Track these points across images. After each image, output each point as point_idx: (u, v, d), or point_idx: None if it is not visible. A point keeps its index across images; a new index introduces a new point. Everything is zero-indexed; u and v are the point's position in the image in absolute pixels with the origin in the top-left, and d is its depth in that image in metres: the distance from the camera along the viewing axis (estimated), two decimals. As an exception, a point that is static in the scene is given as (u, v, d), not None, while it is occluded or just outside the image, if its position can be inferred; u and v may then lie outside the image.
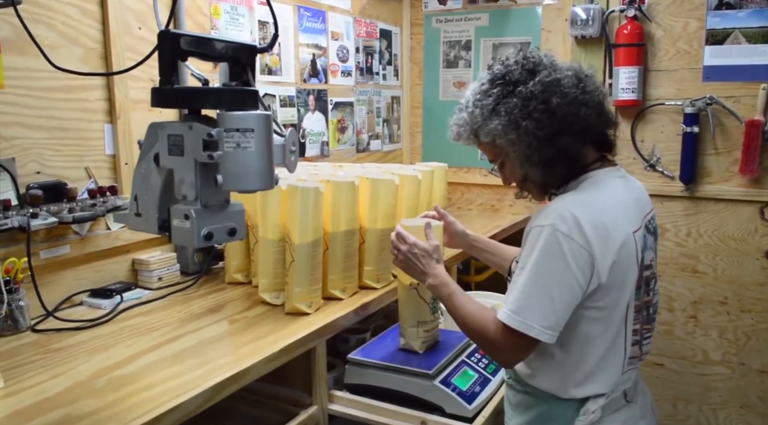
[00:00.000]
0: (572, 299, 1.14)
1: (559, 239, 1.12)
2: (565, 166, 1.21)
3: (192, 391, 1.13)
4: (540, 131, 1.15)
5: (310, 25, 2.43)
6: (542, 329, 1.12)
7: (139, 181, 1.12)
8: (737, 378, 2.62)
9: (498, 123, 1.19)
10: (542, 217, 1.16)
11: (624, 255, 1.15)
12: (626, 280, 1.18)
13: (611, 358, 1.22)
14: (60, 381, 1.19)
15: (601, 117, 1.22)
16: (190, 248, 1.01)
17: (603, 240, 1.13)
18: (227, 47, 1.04)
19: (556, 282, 1.13)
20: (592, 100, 1.20)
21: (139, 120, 1.77)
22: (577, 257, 1.11)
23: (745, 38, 2.41)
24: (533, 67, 1.20)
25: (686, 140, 2.52)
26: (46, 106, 1.54)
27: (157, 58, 1.10)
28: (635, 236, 1.19)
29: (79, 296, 1.63)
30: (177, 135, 1.02)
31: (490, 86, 1.22)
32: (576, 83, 1.19)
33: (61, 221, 1.51)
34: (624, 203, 1.21)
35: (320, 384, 1.51)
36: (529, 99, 1.16)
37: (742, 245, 2.54)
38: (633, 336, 1.23)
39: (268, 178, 1.03)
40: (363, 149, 2.83)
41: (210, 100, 1.03)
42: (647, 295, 1.25)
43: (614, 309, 1.18)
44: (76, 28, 1.60)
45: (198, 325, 1.48)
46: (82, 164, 1.64)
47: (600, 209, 1.16)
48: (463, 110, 1.28)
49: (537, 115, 1.15)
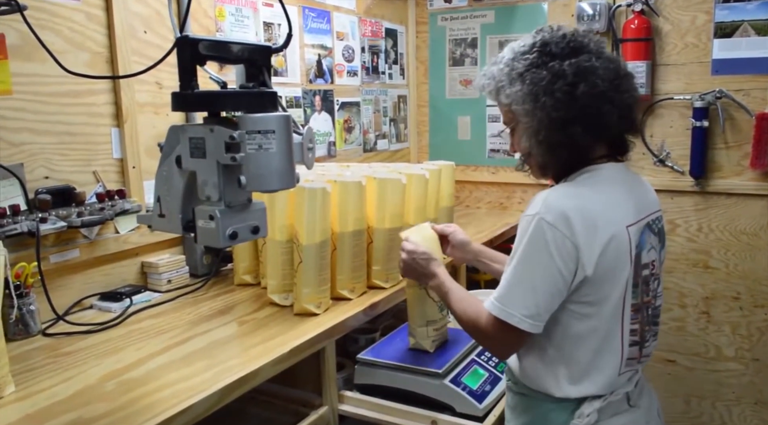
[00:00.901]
0: (555, 290, 1.13)
1: (543, 228, 1.11)
2: (569, 154, 1.19)
3: (202, 393, 1.14)
4: (555, 112, 1.13)
5: (315, 25, 2.43)
6: (522, 317, 1.12)
7: (161, 182, 1.13)
8: (751, 374, 2.60)
9: (519, 89, 1.16)
10: (531, 206, 1.16)
11: (613, 248, 1.13)
12: (616, 274, 1.15)
13: (606, 357, 1.18)
14: (70, 385, 1.19)
15: (624, 120, 1.19)
16: (217, 247, 1.03)
17: (589, 232, 1.11)
18: (243, 49, 1.05)
19: (538, 272, 1.12)
20: (620, 101, 1.16)
21: (146, 123, 1.77)
22: (560, 247, 1.10)
23: (754, 30, 2.39)
24: (577, 47, 1.17)
25: (696, 134, 2.50)
26: (54, 111, 1.55)
27: (168, 60, 1.12)
28: (629, 231, 1.16)
29: (89, 300, 1.64)
30: (199, 138, 1.03)
31: (529, 50, 1.19)
32: (612, 78, 1.16)
33: (70, 226, 1.52)
34: (619, 197, 1.18)
35: (330, 385, 1.51)
36: (557, 77, 1.13)
37: (754, 239, 2.52)
38: (631, 336, 1.19)
39: (289, 177, 1.04)
40: (370, 149, 2.83)
41: (230, 103, 1.04)
42: (647, 295, 1.22)
43: (603, 305, 1.15)
44: (82, 33, 1.61)
45: (207, 327, 1.49)
46: (90, 168, 1.65)
47: (590, 201, 1.14)
48: (496, 64, 1.24)
49: (559, 95, 1.13)
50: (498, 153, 3.00)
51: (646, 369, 1.33)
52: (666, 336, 2.72)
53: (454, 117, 3.08)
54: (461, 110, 3.05)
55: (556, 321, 1.17)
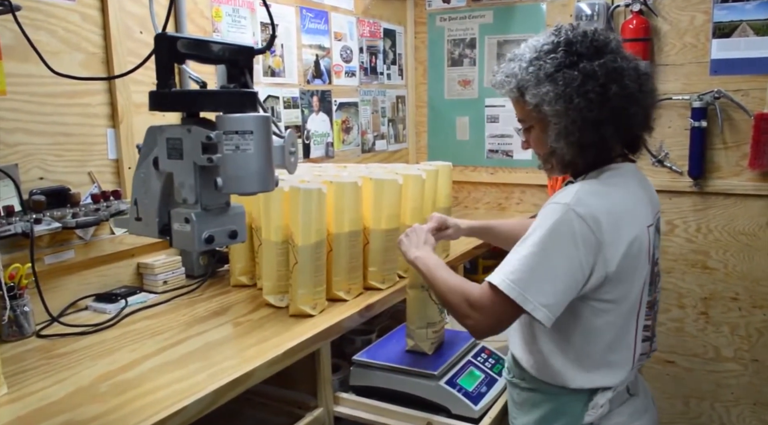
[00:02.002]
0: (574, 283, 1.12)
1: (572, 219, 1.11)
2: (598, 153, 1.20)
3: (195, 395, 1.13)
4: (590, 112, 1.13)
5: (312, 26, 2.42)
6: (539, 305, 1.10)
7: (138, 185, 1.12)
8: (750, 375, 2.59)
9: (551, 90, 1.15)
10: (561, 196, 1.16)
11: (636, 248, 1.15)
12: (637, 273, 1.17)
13: (620, 352, 1.21)
14: (63, 386, 1.19)
15: (646, 120, 1.21)
16: (192, 251, 1.01)
17: (615, 230, 1.12)
18: (224, 49, 1.03)
19: (562, 262, 1.11)
20: (644, 101, 1.18)
21: (142, 124, 1.76)
22: (586, 240, 1.10)
23: (752, 30, 2.38)
24: (601, 46, 1.16)
25: (694, 134, 2.50)
26: (49, 111, 1.55)
27: (154, 62, 1.11)
28: (649, 231, 1.19)
29: (83, 301, 1.63)
30: (176, 139, 1.02)
31: (554, 49, 1.17)
32: (636, 78, 1.16)
33: (65, 227, 1.51)
34: (640, 198, 1.22)
35: (325, 386, 1.50)
36: (589, 77, 1.12)
37: (753, 240, 2.51)
38: (644, 331, 1.23)
39: (268, 180, 1.02)
40: (368, 150, 2.82)
41: (208, 103, 1.02)
42: (655, 291, 1.25)
43: (622, 302, 1.18)
44: (77, 33, 1.60)
45: (202, 328, 1.48)
46: (85, 169, 1.64)
47: (617, 201, 1.16)
48: (516, 60, 1.22)
49: (592, 96, 1.12)
50: (497, 154, 2.99)
51: (644, 369, 1.35)
52: (665, 336, 2.72)
53: (452, 118, 3.07)
54: (460, 110, 3.05)
55: (576, 314, 1.18)
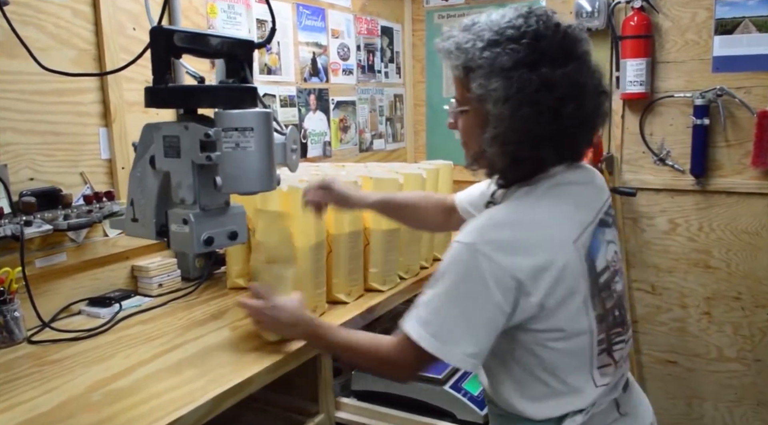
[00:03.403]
0: (495, 325, 1.02)
1: (479, 261, 0.98)
2: (530, 169, 1.07)
3: (192, 404, 1.09)
4: (536, 126, 1.00)
5: (309, 23, 2.38)
6: (465, 356, 1.01)
7: (134, 185, 1.08)
8: (753, 375, 2.56)
9: (500, 88, 0.98)
10: (465, 233, 1.03)
11: (561, 276, 1.01)
12: (572, 299, 1.03)
13: (578, 374, 1.08)
14: (55, 395, 1.14)
15: (590, 141, 1.10)
16: (190, 253, 0.98)
17: (531, 262, 0.99)
18: (223, 43, 1.00)
19: (477, 309, 1.00)
20: (596, 125, 1.08)
21: (135, 123, 1.72)
22: (499, 280, 0.98)
23: (755, 27, 2.35)
24: (570, 50, 1.01)
25: (696, 132, 2.47)
26: (39, 110, 1.50)
27: (150, 57, 1.07)
28: (576, 246, 1.03)
29: (76, 306, 1.58)
30: (173, 136, 0.98)
31: (518, 37, 0.99)
32: (595, 97, 1.04)
33: (57, 229, 1.47)
34: (566, 207, 1.06)
35: (327, 392, 1.46)
36: (547, 87, 0.97)
37: (755, 239, 2.48)
38: (598, 345, 1.08)
39: (269, 179, 0.99)
40: (366, 149, 2.78)
41: (206, 99, 0.99)
42: (610, 300, 1.09)
43: (563, 328, 1.04)
44: (68, 29, 1.55)
45: (199, 333, 1.44)
46: (77, 169, 1.60)
47: (532, 226, 1.02)
48: (472, 33, 1.03)
49: (544, 109, 0.98)
50: (495, 152, 2.95)
51: (646, 370, 1.26)
52: (667, 336, 2.69)
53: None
54: (458, 108, 3.00)
55: (522, 346, 1.07)
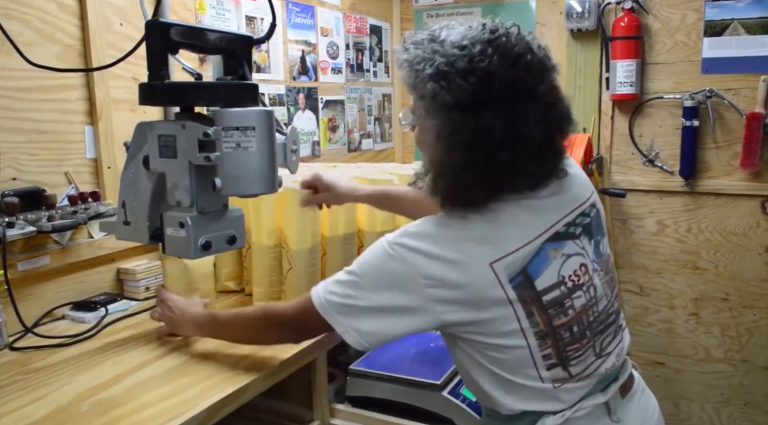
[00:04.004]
0: (399, 323, 1.00)
1: (396, 250, 0.98)
2: (462, 205, 1.01)
3: (186, 413, 1.05)
4: (466, 172, 0.97)
5: (299, 20, 2.34)
6: (349, 329, 1.01)
7: (127, 186, 1.04)
8: (740, 376, 2.58)
9: (435, 127, 0.97)
10: (398, 232, 1.02)
11: (476, 295, 0.98)
12: (494, 317, 0.99)
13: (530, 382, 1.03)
14: (41, 405, 1.09)
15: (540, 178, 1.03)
16: (187, 259, 0.95)
17: (445, 275, 0.97)
18: (221, 38, 0.96)
19: (380, 300, 1.00)
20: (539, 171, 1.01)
21: (122, 121, 1.67)
22: (410, 279, 0.97)
23: (744, 29, 2.36)
24: (522, 94, 0.96)
25: (686, 134, 2.47)
26: (22, 107, 1.44)
27: (145, 52, 1.02)
28: (497, 267, 0.97)
29: (60, 310, 1.53)
30: (169, 135, 0.94)
31: (466, 73, 0.94)
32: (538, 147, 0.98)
33: (40, 230, 1.41)
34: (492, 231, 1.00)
35: (321, 398, 1.43)
36: (484, 133, 0.94)
37: (743, 240, 2.50)
38: (545, 360, 1.02)
39: (271, 180, 0.95)
40: (355, 149, 2.75)
41: (205, 96, 0.94)
42: (561, 316, 1.02)
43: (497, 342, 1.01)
44: (53, 24, 1.50)
45: (190, 339, 1.39)
46: (62, 169, 1.54)
47: (453, 245, 0.99)
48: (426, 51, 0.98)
49: (477, 153, 0.96)
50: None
51: None
52: (655, 337, 2.69)
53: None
54: (447, 108, 2.98)
55: (472, 352, 1.04)
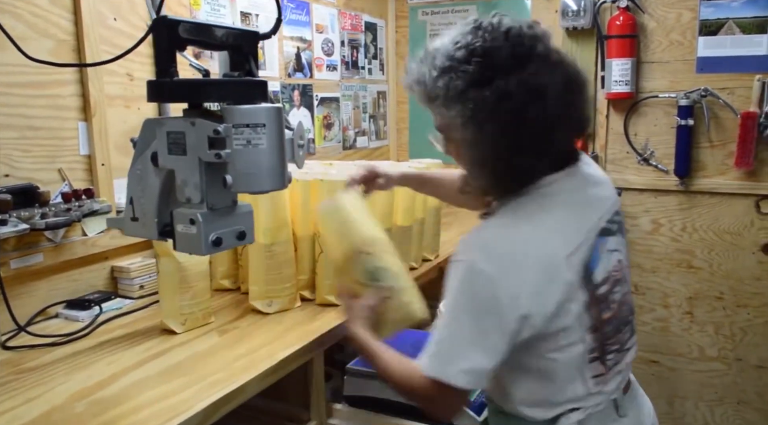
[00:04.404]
0: (497, 343, 1.00)
1: (477, 277, 0.99)
2: (514, 181, 1.05)
3: (184, 414, 1.03)
4: (504, 139, 0.99)
5: (294, 17, 2.32)
6: (460, 373, 1.01)
7: (134, 183, 1.03)
8: (734, 374, 2.59)
9: (459, 113, 0.99)
10: (462, 250, 1.04)
11: (559, 290, 1.00)
12: (567, 314, 1.02)
13: (566, 385, 1.07)
14: (35, 406, 1.07)
15: (575, 132, 1.07)
16: (198, 255, 0.95)
17: (531, 278, 0.98)
18: (228, 34, 0.95)
19: (476, 325, 1.00)
20: (571, 121, 1.03)
21: (116, 118, 1.65)
22: (497, 297, 0.98)
23: (739, 28, 2.37)
24: (523, 54, 0.98)
25: (680, 132, 2.48)
26: (15, 103, 1.42)
27: (139, 48, 1.01)
28: (569, 262, 1.01)
29: (54, 308, 1.51)
30: (178, 132, 0.93)
31: (466, 58, 0.98)
32: (562, 95, 1.00)
33: (33, 228, 1.39)
34: (559, 227, 1.03)
35: (318, 398, 1.42)
36: (504, 98, 0.96)
37: (737, 239, 2.51)
38: (589, 354, 1.06)
39: (281, 177, 0.95)
40: (350, 146, 2.73)
41: (214, 93, 0.94)
42: (606, 311, 1.07)
43: (560, 343, 1.04)
44: (45, 18, 1.48)
45: (185, 338, 1.38)
46: (55, 166, 1.52)
47: (527, 242, 1.01)
48: (427, 65, 1.03)
49: (507, 120, 0.97)
50: (479, 151, 2.93)
51: None
52: (649, 336, 2.70)
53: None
54: (442, 106, 2.97)
55: (518, 356, 1.05)
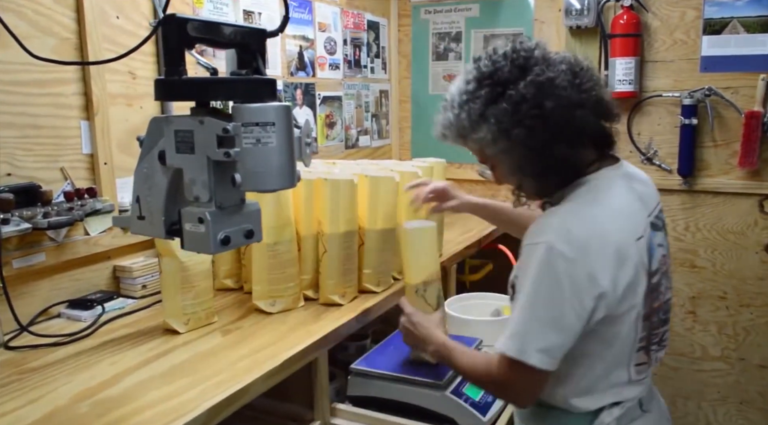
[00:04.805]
0: (569, 325, 1.04)
1: (554, 259, 1.02)
2: (560, 174, 1.12)
3: (188, 414, 1.03)
4: (532, 139, 1.05)
5: (296, 15, 2.32)
6: (534, 352, 1.03)
7: (141, 181, 1.02)
8: (737, 374, 2.58)
9: (486, 131, 1.07)
10: (536, 233, 1.07)
11: (629, 272, 1.05)
12: (633, 297, 1.07)
13: (617, 370, 1.13)
14: (38, 407, 1.07)
15: (599, 115, 1.12)
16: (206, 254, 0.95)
17: (607, 257, 1.03)
18: (236, 32, 0.95)
19: (550, 307, 1.03)
20: (588, 100, 1.08)
21: (119, 116, 1.64)
22: (574, 279, 1.01)
23: (743, 28, 2.36)
24: (524, 63, 1.08)
25: (684, 132, 2.47)
26: (17, 101, 1.41)
27: (162, 47, 1.01)
28: (638, 245, 1.08)
29: (56, 308, 1.50)
30: (186, 131, 0.93)
31: (477, 86, 1.10)
32: (571, 81, 1.07)
33: (36, 227, 1.39)
34: (625, 210, 1.10)
35: (322, 398, 1.41)
36: (519, 103, 1.04)
37: (741, 238, 2.50)
38: (639, 343, 1.13)
39: (290, 175, 0.95)
40: (352, 145, 2.73)
41: (223, 92, 0.94)
42: (656, 300, 1.13)
43: (620, 325, 1.09)
44: (48, 16, 1.47)
45: (188, 337, 1.37)
46: (58, 165, 1.51)
47: (600, 222, 1.06)
48: (449, 109, 1.15)
49: (529, 121, 1.04)
50: (482, 150, 2.92)
51: None
52: (652, 336, 2.69)
53: (436, 114, 2.98)
54: (444, 105, 2.96)
55: (576, 345, 1.09)
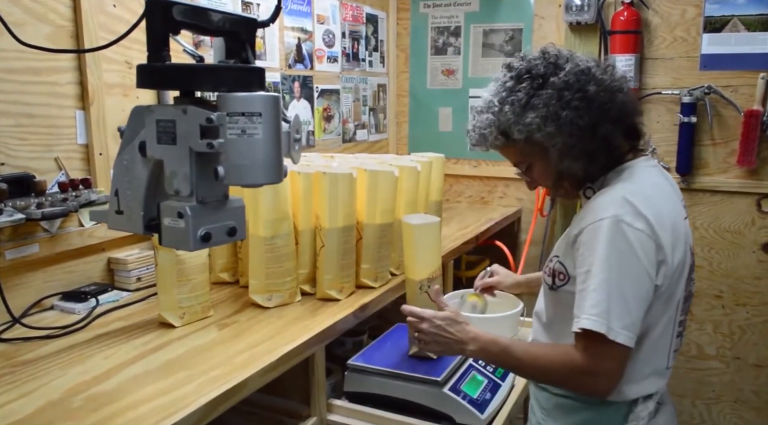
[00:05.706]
0: (646, 294, 1.07)
1: (624, 229, 1.06)
2: (606, 156, 1.17)
3: (184, 410, 1.01)
4: (581, 119, 1.11)
5: (295, 7, 2.29)
6: (620, 330, 1.03)
7: (120, 173, 0.99)
8: (732, 373, 2.58)
9: (535, 116, 1.12)
10: (596, 211, 1.09)
11: (682, 245, 1.12)
12: (683, 271, 1.14)
13: (658, 354, 1.16)
14: (31, 401, 1.05)
15: (633, 103, 1.19)
16: (185, 251, 0.91)
17: (663, 227, 1.08)
18: (225, 20, 0.91)
19: (627, 278, 1.05)
20: (622, 88, 1.17)
21: (114, 106, 1.61)
22: (645, 247, 1.06)
23: (743, 26, 2.35)
24: (556, 61, 1.16)
25: (683, 130, 2.46)
26: (11, 90, 1.39)
27: (139, 35, 0.98)
28: (685, 224, 1.17)
29: (49, 300, 1.48)
30: (168, 121, 0.89)
31: (517, 82, 1.16)
32: (604, 70, 1.17)
33: (29, 218, 1.36)
34: (668, 192, 1.17)
35: (319, 393, 1.40)
36: (564, 89, 1.12)
37: (738, 237, 2.49)
38: (678, 327, 1.18)
39: (277, 170, 0.91)
40: (349, 139, 2.71)
41: (209, 80, 0.90)
42: (691, 283, 1.21)
43: (670, 304, 1.13)
44: (43, 3, 1.44)
45: (184, 331, 1.35)
46: (52, 155, 1.49)
47: (653, 197, 1.11)
48: (485, 111, 1.20)
49: (576, 103, 1.11)
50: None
51: None
52: (647, 334, 2.69)
53: (435, 108, 2.97)
54: (443, 100, 2.95)
55: None
